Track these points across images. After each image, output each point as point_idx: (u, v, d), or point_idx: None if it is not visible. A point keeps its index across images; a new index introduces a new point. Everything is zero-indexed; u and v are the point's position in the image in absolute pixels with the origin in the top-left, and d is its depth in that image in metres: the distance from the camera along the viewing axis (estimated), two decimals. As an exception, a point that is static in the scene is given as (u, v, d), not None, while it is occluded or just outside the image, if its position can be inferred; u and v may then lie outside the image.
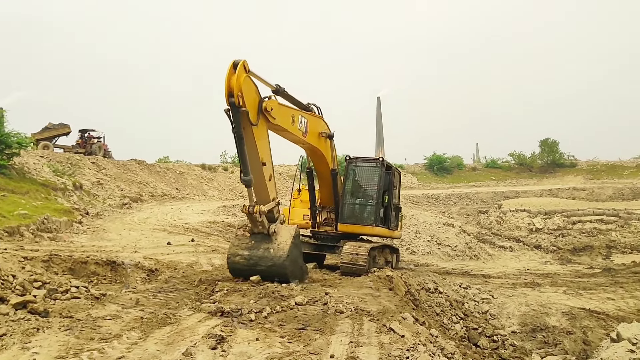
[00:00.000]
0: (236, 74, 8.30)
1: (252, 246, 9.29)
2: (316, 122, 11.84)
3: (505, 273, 17.91)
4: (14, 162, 21.96)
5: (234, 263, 9.32)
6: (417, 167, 58.81)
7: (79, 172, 28.34)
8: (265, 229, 9.27)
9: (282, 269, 9.02)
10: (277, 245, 9.19)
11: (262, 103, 9.14)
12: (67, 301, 6.78)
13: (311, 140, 11.57)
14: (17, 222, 13.82)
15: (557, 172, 57.15)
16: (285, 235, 9.37)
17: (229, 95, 8.32)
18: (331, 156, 12.54)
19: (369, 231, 12.68)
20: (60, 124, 35.77)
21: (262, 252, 9.16)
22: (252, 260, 9.14)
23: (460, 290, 12.57)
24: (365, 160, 13.59)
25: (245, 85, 8.56)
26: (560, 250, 23.51)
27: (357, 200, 13.10)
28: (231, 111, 8.46)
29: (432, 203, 42.10)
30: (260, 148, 9.13)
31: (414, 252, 20.88)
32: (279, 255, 9.05)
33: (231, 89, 8.29)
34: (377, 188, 12.86)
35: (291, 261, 9.18)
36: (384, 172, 12.93)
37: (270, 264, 9.03)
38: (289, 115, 10.46)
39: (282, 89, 10.25)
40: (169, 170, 39.39)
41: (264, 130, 9.37)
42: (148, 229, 19.11)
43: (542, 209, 29.28)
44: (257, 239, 9.38)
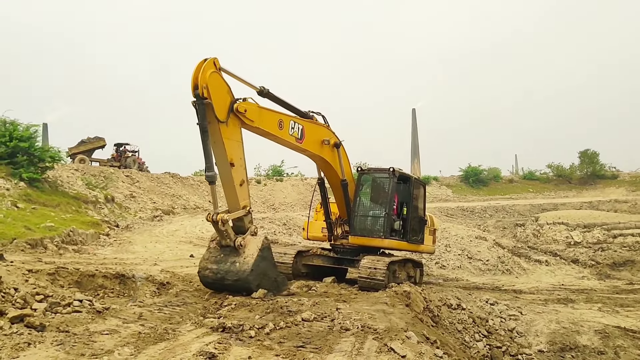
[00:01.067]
0: (203, 68, 8.56)
1: (221, 259, 9.15)
2: (316, 129, 11.58)
3: (538, 288, 17.17)
4: (47, 176, 22.48)
5: (204, 277, 9.26)
6: (452, 179, 57.76)
7: (112, 185, 28.86)
8: (231, 241, 9.07)
9: (247, 284, 8.83)
10: (242, 258, 8.99)
11: (234, 104, 9.14)
12: (68, 315, 6.67)
13: (310, 147, 11.32)
14: (42, 234, 14.00)
15: (598, 184, 55.21)
16: (252, 248, 9.14)
17: (194, 88, 8.53)
18: (339, 166, 12.24)
19: (380, 244, 12.29)
20: (95, 138, 36.67)
21: (229, 265, 9.01)
22: (219, 274, 9.02)
23: (486, 306, 12.06)
24: (376, 171, 13.23)
25: (211, 80, 8.70)
26: (599, 264, 22.45)
27: (369, 212, 12.75)
28: (197, 104, 8.56)
29: (467, 216, 41.22)
30: (229, 148, 9.02)
31: (443, 266, 20.30)
32: (243, 269, 8.86)
33: (196, 81, 8.52)
34: (388, 199, 12.46)
35: (257, 275, 8.97)
36: (396, 182, 12.51)
37: (236, 278, 8.87)
38: (274, 120, 10.29)
39: (266, 91, 10.20)
40: (202, 183, 39.73)
41: (236, 131, 9.31)
42: (174, 242, 19.19)
43: (581, 222, 28.19)
44: (225, 251, 9.23)
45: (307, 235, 13.79)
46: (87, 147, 36.27)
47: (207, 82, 8.56)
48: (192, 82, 8.55)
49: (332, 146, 12.01)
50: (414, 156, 70.08)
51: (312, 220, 13.89)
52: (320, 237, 13.45)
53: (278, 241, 21.25)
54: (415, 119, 72.44)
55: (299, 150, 11.40)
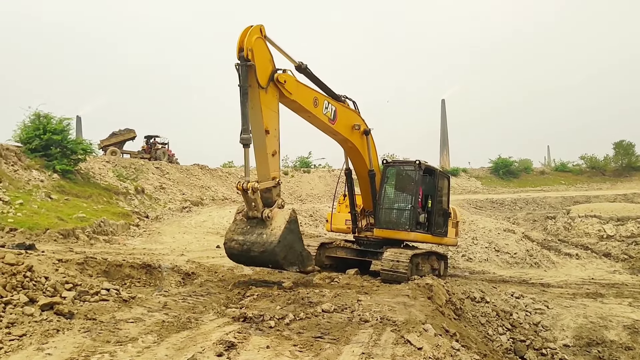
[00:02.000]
0: (248, 35, 8.77)
1: (247, 231, 9.06)
2: (348, 113, 11.62)
3: (566, 282, 16.91)
4: (79, 168, 23.06)
5: (230, 248, 9.21)
6: (482, 170, 57.03)
7: (143, 176, 29.41)
8: (259, 213, 8.97)
9: (274, 256, 8.72)
10: (270, 230, 8.87)
11: (275, 73, 9.26)
12: (95, 303, 6.89)
13: (341, 129, 11.37)
14: (74, 224, 14.41)
15: (633, 176, 53.83)
16: (279, 220, 9.01)
17: (239, 50, 8.73)
18: (368, 155, 12.25)
19: (405, 236, 12.28)
20: (125, 130, 37.33)
21: (255, 237, 8.90)
22: (245, 245, 8.92)
23: (511, 299, 11.96)
24: (402, 164, 13.22)
25: (256, 45, 8.89)
26: (632, 259, 21.94)
27: (395, 205, 12.73)
28: (240, 65, 8.72)
29: (496, 208, 40.73)
30: (266, 115, 9.10)
31: (470, 259, 20.14)
32: (270, 240, 8.73)
33: (242, 44, 8.73)
34: (414, 192, 12.42)
35: (284, 247, 8.83)
36: (422, 175, 12.45)
37: (262, 249, 8.76)
38: (310, 96, 10.39)
39: (304, 66, 10.25)
40: (231, 175, 40.19)
41: (274, 101, 9.40)
42: (202, 232, 19.51)
43: (614, 215, 27.51)
44: (252, 223, 9.12)
45: (330, 227, 13.83)
46: (118, 139, 36.97)
47: (252, 46, 8.75)
48: (237, 44, 8.77)
49: (362, 133, 12.04)
50: (443, 147, 69.44)
51: (335, 212, 13.92)
52: (344, 229, 13.47)
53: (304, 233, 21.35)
54: (444, 109, 71.75)
55: (329, 132, 11.45)
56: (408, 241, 12.72)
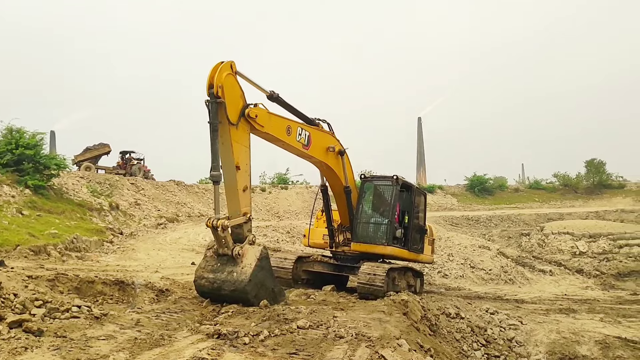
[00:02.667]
0: (218, 72, 8.76)
1: (217, 269, 9.01)
2: (322, 136, 11.70)
3: (540, 298, 17.13)
4: (52, 183, 22.65)
5: (200, 286, 9.14)
6: (458, 188, 57.64)
7: (117, 192, 29.05)
8: (230, 250, 8.94)
9: (244, 294, 8.63)
10: (240, 268, 8.82)
11: (246, 109, 9.27)
12: (66, 320, 6.76)
13: (315, 153, 11.44)
14: (46, 241, 14.12)
15: (604, 193, 54.96)
16: (250, 257, 8.96)
17: (209, 87, 8.71)
18: (343, 173, 12.35)
19: (382, 251, 12.35)
20: (100, 144, 36.92)
21: (226, 275, 8.84)
22: (215, 283, 8.87)
23: (486, 315, 12.07)
24: (380, 179, 13.35)
25: (227, 82, 8.88)
26: (604, 275, 22.36)
27: (371, 219, 12.83)
28: (210, 102, 8.70)
29: (472, 225, 41.12)
30: (236, 151, 9.09)
31: (446, 276, 20.27)
32: (241, 279, 8.67)
33: (212, 80, 8.70)
34: (391, 207, 12.54)
35: (255, 285, 8.77)
36: (399, 190, 12.60)
37: (233, 288, 8.70)
38: (283, 126, 10.42)
39: (276, 95, 10.33)
40: (207, 192, 39.85)
41: (245, 136, 9.40)
42: (177, 249, 19.27)
43: (586, 232, 28.02)
44: (222, 261, 9.07)
45: (308, 242, 13.84)
46: (93, 154, 36.53)
47: (222, 83, 8.75)
48: (207, 81, 8.75)
49: (337, 153, 12.13)
50: (420, 165, 70.13)
51: (313, 227, 13.96)
52: (321, 244, 13.49)
53: (280, 249, 21.27)
54: (420, 127, 72.62)
55: (304, 157, 11.54)
56: (384, 255, 12.79)
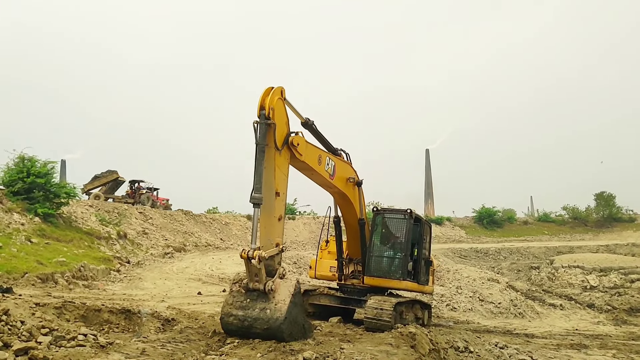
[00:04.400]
0: (270, 95, 8.83)
1: (247, 305, 8.42)
2: (344, 167, 11.78)
3: (551, 333, 16.84)
4: (62, 211, 22.82)
5: (227, 324, 8.53)
6: (466, 220, 57.41)
7: (126, 221, 29.14)
8: (262, 284, 8.38)
9: (279, 333, 8.10)
10: (274, 305, 8.28)
11: (289, 136, 9.27)
12: (72, 349, 6.72)
13: (339, 184, 11.47)
14: (53, 269, 14.17)
15: (615, 227, 54.58)
16: (283, 293, 8.44)
17: (260, 109, 8.72)
18: (359, 205, 12.37)
19: (397, 285, 12.27)
20: (107, 171, 37.18)
21: (258, 312, 8.28)
22: (246, 322, 8.29)
23: (496, 350, 11.87)
24: (393, 212, 13.32)
25: (277, 106, 8.94)
26: (616, 310, 21.97)
27: (385, 253, 12.77)
28: (259, 123, 8.65)
29: (481, 257, 40.82)
30: (278, 177, 8.93)
31: (454, 309, 20.01)
32: (275, 317, 8.14)
33: (263, 104, 8.72)
34: (405, 240, 12.51)
35: (290, 323, 8.27)
36: (413, 224, 12.60)
37: (266, 327, 8.15)
38: (316, 155, 10.44)
39: (311, 122, 10.38)
40: (215, 221, 40.02)
41: (286, 164, 9.29)
42: (184, 279, 19.24)
43: (597, 266, 27.69)
44: (252, 296, 8.49)
45: (314, 274, 13.71)
46: (101, 181, 36.78)
47: (274, 106, 8.80)
48: (259, 102, 8.78)
49: (354, 184, 12.17)
50: (428, 196, 70.08)
51: (318, 258, 13.86)
52: (328, 276, 13.37)
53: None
54: (429, 159, 72.81)
55: (328, 187, 11.54)
56: (400, 289, 12.71)
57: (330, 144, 11.33)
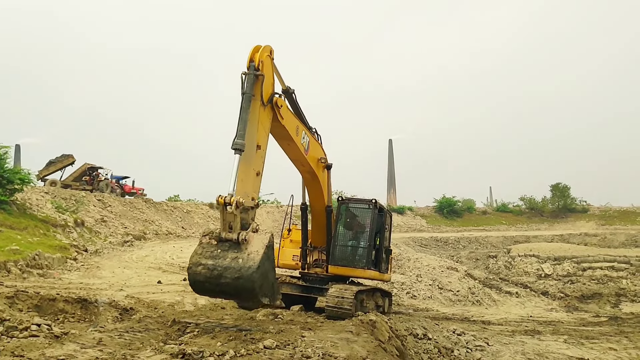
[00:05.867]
0: (261, 50, 8.82)
1: (218, 255, 7.91)
2: (317, 146, 11.67)
3: (506, 320, 17.34)
4: (15, 198, 22.07)
5: (195, 274, 7.90)
6: (427, 209, 58.29)
7: (83, 208, 28.41)
8: (235, 234, 7.92)
9: (250, 282, 7.64)
10: (246, 255, 7.81)
11: (274, 96, 9.22)
12: (24, 339, 6.53)
13: (312, 163, 11.35)
14: (6, 257, 13.71)
15: (569, 217, 56.37)
16: (257, 244, 7.97)
17: (250, 61, 8.70)
18: (327, 190, 12.33)
19: (361, 274, 12.35)
20: (62, 156, 36.03)
21: (229, 261, 7.78)
22: (215, 271, 7.75)
23: (453, 336, 12.14)
24: (358, 202, 13.38)
25: (267, 61, 8.94)
26: (568, 297, 22.80)
27: (349, 242, 12.82)
28: (247, 74, 8.60)
29: (440, 246, 41.54)
30: (260, 130, 8.77)
31: (414, 297, 20.33)
32: (247, 265, 7.67)
33: (253, 57, 8.71)
34: (370, 230, 12.59)
35: (261, 275, 7.80)
36: (377, 214, 12.69)
37: (237, 275, 7.65)
38: (294, 124, 10.32)
39: (292, 91, 10.25)
40: (176, 209, 39.43)
41: (268, 122, 9.15)
42: (143, 268, 18.91)
43: (551, 255, 28.60)
44: (224, 247, 7.98)
45: (277, 262, 13.64)
46: (57, 167, 35.63)
47: (264, 60, 8.77)
48: (249, 56, 8.72)
49: (324, 167, 12.11)
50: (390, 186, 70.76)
51: (280, 247, 13.78)
52: (291, 265, 13.30)
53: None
54: (392, 149, 73.48)
55: (300, 163, 11.34)
56: (363, 278, 12.81)
57: (306, 120, 11.13)
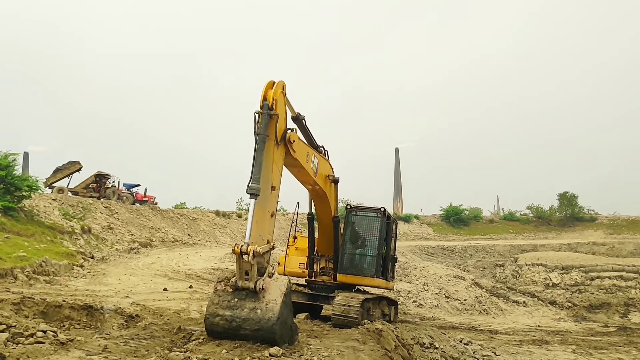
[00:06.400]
0: (274, 87, 8.73)
1: (235, 305, 7.75)
2: (325, 164, 11.79)
3: (514, 329, 17.20)
4: (23, 205, 22.18)
5: (213, 325, 7.81)
6: (434, 218, 58.10)
7: (90, 215, 28.52)
8: (252, 283, 7.71)
9: (271, 334, 7.49)
10: (265, 305, 7.64)
11: (287, 133, 9.15)
12: (30, 346, 6.53)
13: (320, 181, 11.46)
14: (13, 264, 13.75)
15: (577, 226, 55.95)
16: (274, 292, 7.82)
17: (263, 99, 8.58)
18: (334, 202, 12.40)
19: (370, 282, 12.36)
20: (69, 163, 36.21)
21: (247, 312, 7.63)
22: (234, 322, 7.63)
23: (460, 346, 12.03)
24: (366, 210, 13.37)
25: (279, 100, 8.82)
26: (576, 306, 22.60)
27: (357, 251, 12.80)
28: (261, 114, 8.44)
29: (447, 255, 41.35)
30: (275, 171, 8.69)
31: (421, 305, 20.25)
32: (267, 317, 7.51)
33: (267, 95, 8.61)
34: (378, 238, 12.61)
35: (281, 324, 7.65)
36: (385, 222, 12.70)
37: (257, 327, 7.52)
38: (305, 152, 10.37)
39: (302, 118, 10.24)
40: (182, 217, 39.50)
41: (281, 159, 9.10)
42: (149, 275, 18.93)
43: (559, 264, 28.39)
44: (240, 295, 7.83)
45: (283, 270, 13.62)
46: (64, 173, 35.81)
47: (277, 98, 8.69)
48: (262, 93, 8.64)
49: (332, 182, 12.17)
50: (397, 194, 70.60)
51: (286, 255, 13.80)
52: (298, 273, 13.28)
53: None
54: (398, 157, 73.38)
55: (309, 184, 11.46)
56: (372, 287, 12.80)
57: (315, 141, 11.25)
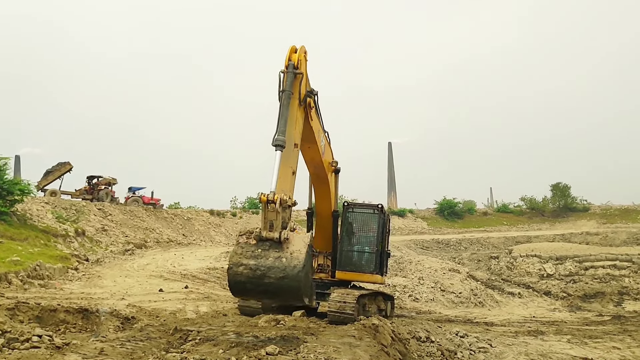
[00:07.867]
0: (298, 50, 8.98)
1: (259, 254, 7.60)
2: (329, 149, 11.76)
3: (509, 321, 17.29)
4: (16, 209, 22.09)
5: (237, 274, 7.60)
6: (428, 211, 58.26)
7: (84, 218, 28.45)
8: (277, 233, 7.62)
9: (296, 282, 7.39)
10: (289, 254, 7.54)
11: (307, 97, 9.28)
12: (25, 351, 6.52)
13: (325, 164, 11.44)
14: (7, 268, 13.71)
15: (570, 216, 56.27)
16: (299, 243, 7.68)
17: (288, 60, 8.80)
18: (335, 194, 12.37)
19: (369, 279, 12.41)
20: (59, 164, 36.02)
21: (272, 261, 7.50)
22: (258, 270, 7.46)
23: (456, 339, 12.08)
24: (364, 207, 13.36)
25: (303, 62, 9.07)
26: (570, 296, 22.71)
27: (356, 247, 12.81)
28: (286, 72, 8.65)
29: (442, 248, 41.52)
30: (297, 129, 8.71)
31: (417, 299, 20.30)
32: (292, 265, 7.41)
33: (291, 57, 8.84)
34: (376, 235, 12.62)
35: (305, 274, 7.54)
36: (382, 218, 12.71)
37: (282, 275, 7.38)
38: (318, 126, 10.40)
39: (315, 93, 10.10)
40: (177, 217, 39.43)
41: (302, 121, 9.14)
42: (144, 276, 18.91)
43: (553, 254, 28.51)
44: (264, 246, 7.68)
45: None
46: (55, 175, 35.60)
47: (301, 59, 8.89)
48: (287, 56, 8.84)
49: (334, 171, 12.14)
50: (391, 189, 70.70)
51: None
52: None
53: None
54: (391, 152, 73.40)
55: (315, 165, 11.38)
56: (370, 283, 12.84)
57: (323, 124, 11.13)
